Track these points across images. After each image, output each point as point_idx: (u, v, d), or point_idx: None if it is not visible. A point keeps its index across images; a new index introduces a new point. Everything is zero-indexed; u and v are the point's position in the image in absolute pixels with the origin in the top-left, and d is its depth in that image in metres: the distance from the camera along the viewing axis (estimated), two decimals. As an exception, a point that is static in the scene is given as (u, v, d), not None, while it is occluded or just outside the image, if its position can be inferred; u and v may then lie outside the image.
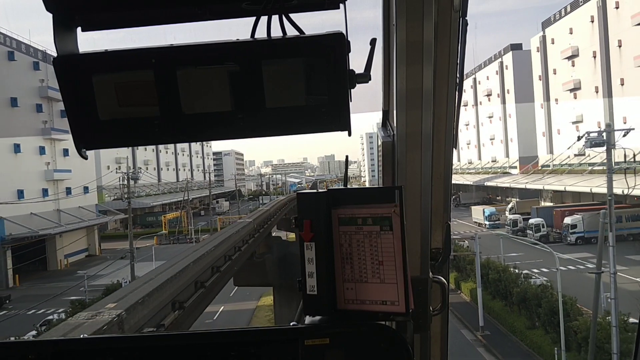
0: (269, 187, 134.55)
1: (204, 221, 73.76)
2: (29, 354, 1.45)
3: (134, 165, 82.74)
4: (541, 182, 60.25)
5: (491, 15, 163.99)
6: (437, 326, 2.30)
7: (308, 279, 1.48)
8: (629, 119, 46.16)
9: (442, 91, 1.79)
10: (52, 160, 49.34)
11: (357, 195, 1.49)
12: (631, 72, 49.08)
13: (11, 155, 43.96)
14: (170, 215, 69.26)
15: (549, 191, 60.93)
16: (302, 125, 1.35)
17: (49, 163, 48.78)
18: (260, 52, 1.30)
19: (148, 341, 1.53)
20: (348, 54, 1.29)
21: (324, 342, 1.43)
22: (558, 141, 62.30)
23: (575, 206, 48.50)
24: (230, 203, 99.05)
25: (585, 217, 42.96)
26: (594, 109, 55.27)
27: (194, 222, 67.99)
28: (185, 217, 69.02)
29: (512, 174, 73.75)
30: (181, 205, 72.48)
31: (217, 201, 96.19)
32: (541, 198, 63.86)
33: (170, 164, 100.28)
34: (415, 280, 1.68)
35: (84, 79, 1.30)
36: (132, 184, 68.85)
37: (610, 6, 51.11)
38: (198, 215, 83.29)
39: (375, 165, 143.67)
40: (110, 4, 1.32)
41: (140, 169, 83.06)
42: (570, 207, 48.60)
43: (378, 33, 2.00)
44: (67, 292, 34.22)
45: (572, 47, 57.81)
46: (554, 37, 62.38)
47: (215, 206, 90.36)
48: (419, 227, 1.83)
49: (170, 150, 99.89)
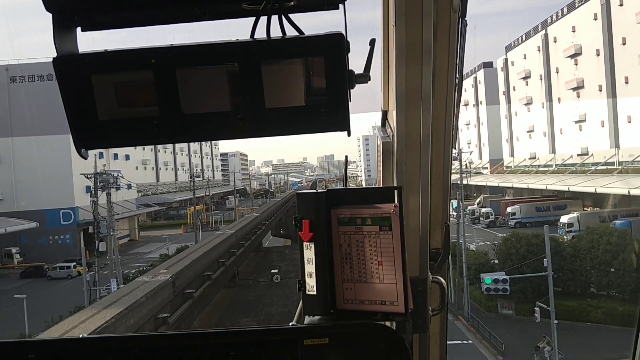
0: (271, 186, 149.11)
1: (217, 215, 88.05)
2: (29, 354, 1.46)
3: (156, 166, 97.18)
4: (504, 180, 74.32)
5: (491, 15, 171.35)
6: (436, 326, 2.35)
7: (307, 279, 1.50)
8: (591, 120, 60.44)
9: (442, 91, 1.80)
10: (107, 162, 63.43)
11: (356, 196, 1.51)
12: (566, 94, 63.21)
13: (79, 159, 57.85)
14: (193, 209, 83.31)
15: (511, 188, 75.06)
16: (301, 126, 1.36)
17: (105, 165, 62.84)
18: (259, 53, 1.31)
19: (148, 341, 1.56)
20: (347, 54, 1.31)
21: (323, 342, 1.43)
22: (517, 146, 76.63)
23: (517, 199, 62.65)
24: (238, 200, 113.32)
25: (522, 207, 57.03)
26: (541, 120, 69.35)
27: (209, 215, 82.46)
28: (204, 210, 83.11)
29: (483, 174, 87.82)
30: (203, 200, 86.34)
31: (227, 198, 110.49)
32: (505, 194, 77.91)
33: (185, 164, 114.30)
34: (415, 280, 1.74)
35: (84, 79, 1.32)
36: (156, 183, 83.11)
37: (551, 39, 65.20)
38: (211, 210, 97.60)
39: (371, 166, 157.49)
40: (109, 4, 1.34)
41: (160, 169, 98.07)
42: (513, 199, 62.76)
43: (377, 33, 2.01)
44: (128, 262, 48.44)
45: (525, 70, 71.96)
46: (513, 60, 76.56)
47: (226, 202, 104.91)
48: (418, 227, 1.85)
49: (185, 152, 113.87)
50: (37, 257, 50.23)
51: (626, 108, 52.50)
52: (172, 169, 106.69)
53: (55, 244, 54.59)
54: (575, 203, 55.31)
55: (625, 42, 50.71)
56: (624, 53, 50.91)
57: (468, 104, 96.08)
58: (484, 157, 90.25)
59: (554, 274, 24.77)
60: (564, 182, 55.23)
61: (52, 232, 54.57)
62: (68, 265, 45.76)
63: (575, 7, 59.47)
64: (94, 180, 36.33)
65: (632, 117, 51.11)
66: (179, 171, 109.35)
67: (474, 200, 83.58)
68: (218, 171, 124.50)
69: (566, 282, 27.93)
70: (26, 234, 51.60)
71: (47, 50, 1.33)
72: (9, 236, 47.88)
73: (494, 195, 77.61)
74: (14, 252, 49.74)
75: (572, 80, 60.37)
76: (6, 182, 54.65)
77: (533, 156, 71.43)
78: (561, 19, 62.30)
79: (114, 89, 1.33)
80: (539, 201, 58.28)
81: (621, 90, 52.34)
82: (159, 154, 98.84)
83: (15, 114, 55.15)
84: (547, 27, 65.88)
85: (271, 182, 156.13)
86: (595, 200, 54.25)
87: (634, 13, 49.39)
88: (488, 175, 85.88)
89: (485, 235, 50.30)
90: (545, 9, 76.95)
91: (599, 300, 27.04)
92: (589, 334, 24.79)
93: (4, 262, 48.78)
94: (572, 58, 60.11)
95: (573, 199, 55.65)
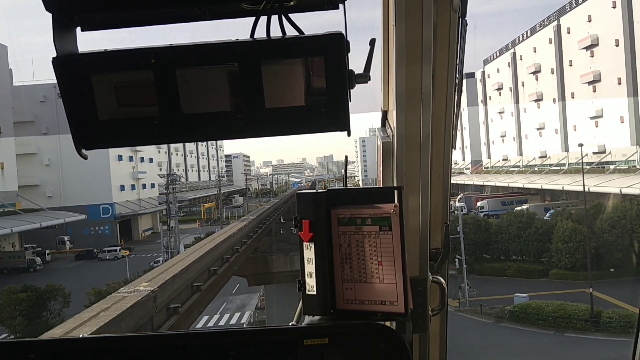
0: (273, 185, 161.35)
1: (226, 212, 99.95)
2: (29, 354, 1.48)
3: (169, 168, 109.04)
4: (483, 179, 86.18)
5: (491, 15, 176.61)
6: (436, 326, 2.40)
7: (307, 279, 1.52)
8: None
9: (442, 91, 1.84)
10: (135, 165, 75.24)
11: (356, 196, 1.52)
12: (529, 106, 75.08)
13: (115, 162, 69.81)
14: (207, 205, 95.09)
15: (489, 186, 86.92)
16: (301, 126, 1.38)
17: (134, 167, 74.67)
18: (259, 52, 1.32)
19: (147, 341, 1.57)
20: (347, 54, 1.32)
21: (323, 342, 1.45)
22: (494, 149, 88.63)
23: (487, 195, 74.61)
24: (243, 199, 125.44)
25: (489, 201, 68.88)
26: (511, 126, 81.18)
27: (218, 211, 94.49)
28: (216, 207, 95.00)
29: (465, 174, 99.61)
30: (215, 198, 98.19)
31: (233, 196, 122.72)
32: (484, 191, 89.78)
33: (194, 166, 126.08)
34: (415, 280, 1.77)
35: (84, 78, 1.33)
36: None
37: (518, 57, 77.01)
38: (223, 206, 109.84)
39: (367, 167, 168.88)
40: (109, 4, 1.34)
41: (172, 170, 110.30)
42: (484, 195, 74.73)
43: (377, 33, 2.05)
44: (155, 249, 60.29)
45: (498, 82, 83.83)
46: (489, 73, 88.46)
47: (232, 200, 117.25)
48: (418, 227, 1.87)
49: (194, 154, 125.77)
50: (82, 244, 61.80)
51: (573, 119, 64.48)
52: (183, 170, 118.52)
53: (96, 233, 66.18)
54: (534, 198, 66.92)
55: (572, 64, 62.63)
56: (571, 73, 62.90)
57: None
58: (467, 159, 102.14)
59: (485, 245, 36.27)
60: (529, 180, 67.26)
61: (93, 223, 66.03)
62: (115, 249, 57.54)
63: (535, 30, 71.37)
64: (166, 179, 47.96)
65: (577, 126, 63.12)
66: (189, 172, 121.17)
67: (456, 198, 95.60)
68: (223, 172, 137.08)
69: (493, 251, 39.47)
70: (72, 226, 62.97)
71: (47, 50, 1.37)
72: (60, 227, 59.45)
73: (474, 192, 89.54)
74: (66, 239, 61.42)
75: (533, 94, 72.29)
76: (55, 182, 66.28)
77: (505, 158, 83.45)
78: (526, 40, 74.26)
79: (113, 88, 1.35)
80: (504, 197, 70.21)
81: (569, 103, 64.52)
82: (172, 156, 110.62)
83: (62, 122, 66.77)
84: (515, 47, 77.84)
85: (272, 182, 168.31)
86: (552, 196, 65.94)
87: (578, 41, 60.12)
88: (470, 174, 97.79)
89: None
90: (546, 8, 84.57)
91: (513, 262, 38.56)
92: (504, 283, 36.48)
93: (58, 248, 60.38)
94: (534, 74, 72.09)
95: (534, 194, 67.38)
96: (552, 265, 36.58)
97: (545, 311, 28.74)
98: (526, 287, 34.28)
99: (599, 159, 58.04)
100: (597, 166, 55.60)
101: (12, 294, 29.31)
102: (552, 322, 28.05)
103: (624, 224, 34.61)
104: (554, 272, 36.29)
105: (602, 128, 57.83)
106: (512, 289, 33.48)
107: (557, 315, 28.28)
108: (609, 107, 56.83)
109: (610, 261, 35.30)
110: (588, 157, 54.71)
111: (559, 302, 29.68)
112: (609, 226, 34.99)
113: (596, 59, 57.98)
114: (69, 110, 1.35)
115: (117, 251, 57.08)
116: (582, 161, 48.25)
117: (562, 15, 64.57)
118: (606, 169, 54.62)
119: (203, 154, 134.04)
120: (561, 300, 29.97)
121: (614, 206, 37.26)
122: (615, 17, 53.92)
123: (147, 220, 77.51)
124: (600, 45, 57.16)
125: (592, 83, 58.77)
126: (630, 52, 52.22)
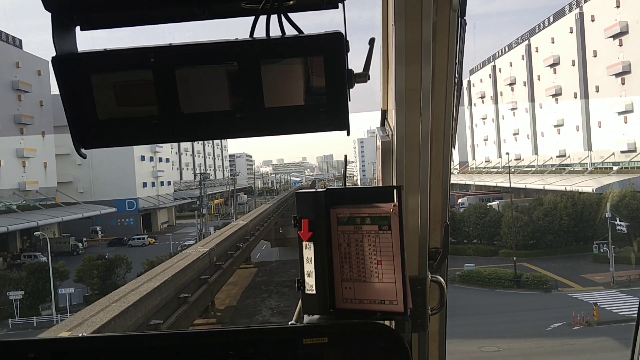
0: (274, 184, 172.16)
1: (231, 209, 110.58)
2: (29, 353, 1.49)
3: (180, 166, 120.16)
4: (469, 179, 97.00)
5: (491, 15, 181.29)
6: (435, 325, 2.42)
7: (307, 278, 1.54)
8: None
9: (441, 91, 1.86)
10: (155, 164, 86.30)
11: (355, 195, 1.54)
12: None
13: (139, 162, 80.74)
14: (216, 202, 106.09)
15: (473, 185, 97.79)
16: (301, 125, 1.40)
17: (154, 166, 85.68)
18: (259, 52, 1.33)
19: (147, 340, 1.58)
20: (347, 53, 1.34)
21: (322, 341, 1.47)
22: (478, 152, 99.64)
23: (468, 193, 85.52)
24: (247, 197, 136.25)
25: (469, 198, 79.65)
26: (492, 132, 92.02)
27: (226, 208, 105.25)
28: (223, 204, 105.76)
29: (454, 174, 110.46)
30: (223, 195, 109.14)
31: (238, 194, 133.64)
32: (470, 190, 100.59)
33: (201, 165, 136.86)
34: (414, 279, 1.82)
35: (83, 78, 1.35)
36: (180, 181, 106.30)
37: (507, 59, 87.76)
38: (225, 204, 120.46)
39: (365, 167, 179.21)
40: (109, 3, 1.36)
41: (182, 169, 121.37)
42: (465, 193, 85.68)
43: (377, 33, 2.06)
44: (180, 237, 71.04)
45: (482, 91, 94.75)
46: (474, 82, 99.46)
47: (237, 197, 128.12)
48: (418, 226, 1.89)
49: (201, 154, 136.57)
50: (111, 234, 72.49)
51: (541, 124, 75.51)
52: (192, 168, 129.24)
53: (122, 225, 76.77)
54: (509, 196, 77.83)
55: (540, 78, 73.73)
56: (537, 87, 73.91)
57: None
58: (455, 159, 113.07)
59: (452, 231, 47.19)
60: (505, 179, 77.99)
61: (120, 216, 76.54)
62: (143, 237, 68.38)
63: (511, 47, 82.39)
64: (199, 177, 58.98)
65: (545, 133, 74.17)
66: (197, 170, 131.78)
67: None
68: (227, 171, 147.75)
69: (457, 235, 50.23)
70: (101, 218, 73.80)
71: (47, 49, 2.09)
72: (90, 219, 70.14)
73: (462, 191, 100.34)
74: (98, 229, 72.32)
75: (510, 103, 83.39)
76: (86, 179, 77.06)
77: (487, 160, 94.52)
78: (503, 55, 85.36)
79: (113, 88, 1.36)
80: (483, 194, 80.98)
81: (540, 110, 75.62)
82: (182, 156, 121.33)
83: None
84: (495, 60, 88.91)
85: (274, 181, 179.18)
86: (526, 194, 76.71)
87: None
88: (457, 175, 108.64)
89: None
90: (546, 8, 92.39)
91: (473, 244, 49.40)
92: (464, 260, 47.05)
93: (92, 237, 71.22)
94: (510, 86, 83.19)
95: (508, 192, 78.20)
96: (501, 246, 47.61)
97: (483, 275, 39.96)
98: (482, 262, 45.17)
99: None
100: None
101: (91, 261, 40.17)
102: (487, 282, 39.13)
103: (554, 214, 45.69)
104: (502, 251, 47.08)
105: (563, 136, 69.02)
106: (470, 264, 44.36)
107: (492, 277, 39.33)
108: (568, 117, 68.11)
109: (544, 242, 46.63)
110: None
111: (493, 268, 40.95)
112: (543, 214, 46.22)
113: (558, 75, 69.59)
114: (68, 110, 1.37)
115: (144, 239, 67.82)
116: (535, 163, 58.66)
117: (532, 36, 75.96)
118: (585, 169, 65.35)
119: (209, 153, 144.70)
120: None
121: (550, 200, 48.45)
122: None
123: (164, 214, 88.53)
124: (561, 64, 69.56)
125: (555, 96, 70.36)
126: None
